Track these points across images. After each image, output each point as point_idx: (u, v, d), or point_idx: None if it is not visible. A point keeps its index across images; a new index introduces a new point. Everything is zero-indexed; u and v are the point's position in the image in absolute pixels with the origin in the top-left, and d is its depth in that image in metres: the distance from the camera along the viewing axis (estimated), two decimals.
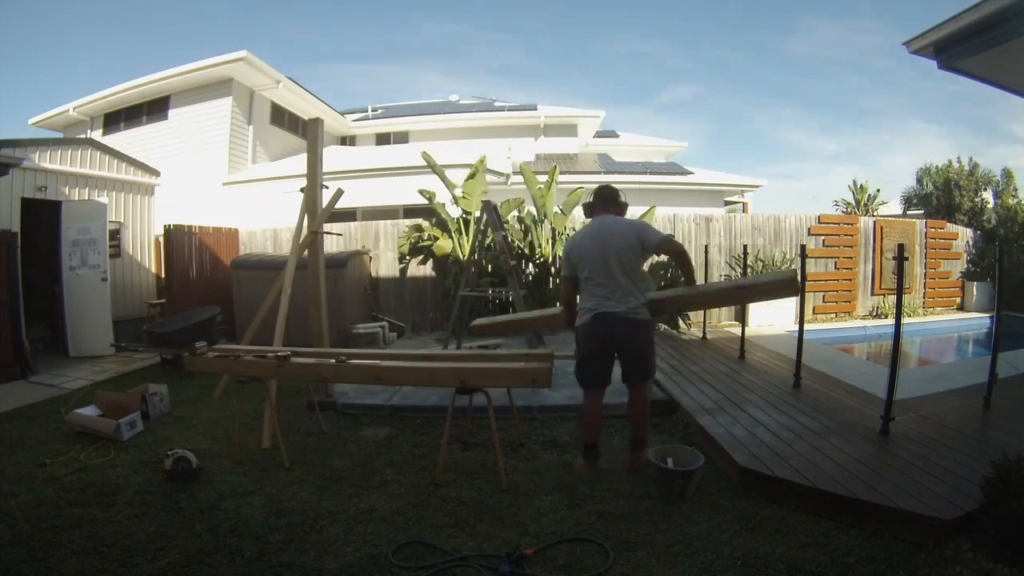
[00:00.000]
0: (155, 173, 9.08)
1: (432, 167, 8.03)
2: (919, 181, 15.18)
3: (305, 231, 4.62)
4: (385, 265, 8.74)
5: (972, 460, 2.87)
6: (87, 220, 7.14)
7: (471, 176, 7.90)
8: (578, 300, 3.22)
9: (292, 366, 3.37)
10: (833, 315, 8.94)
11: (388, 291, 8.71)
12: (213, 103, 11.91)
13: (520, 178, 8.95)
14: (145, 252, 8.71)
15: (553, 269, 8.04)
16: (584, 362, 3.17)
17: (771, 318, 8.11)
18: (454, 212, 8.29)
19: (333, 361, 3.34)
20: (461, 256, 8.10)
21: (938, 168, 14.70)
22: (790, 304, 8.17)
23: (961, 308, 9.44)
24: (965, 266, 9.73)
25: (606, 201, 3.30)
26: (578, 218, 8.64)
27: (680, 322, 7.56)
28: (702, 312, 7.72)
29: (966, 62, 4.06)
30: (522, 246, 8.16)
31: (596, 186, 3.49)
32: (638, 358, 3.09)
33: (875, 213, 14.34)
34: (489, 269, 8.03)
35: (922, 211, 14.16)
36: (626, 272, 3.04)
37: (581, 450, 3.28)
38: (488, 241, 6.86)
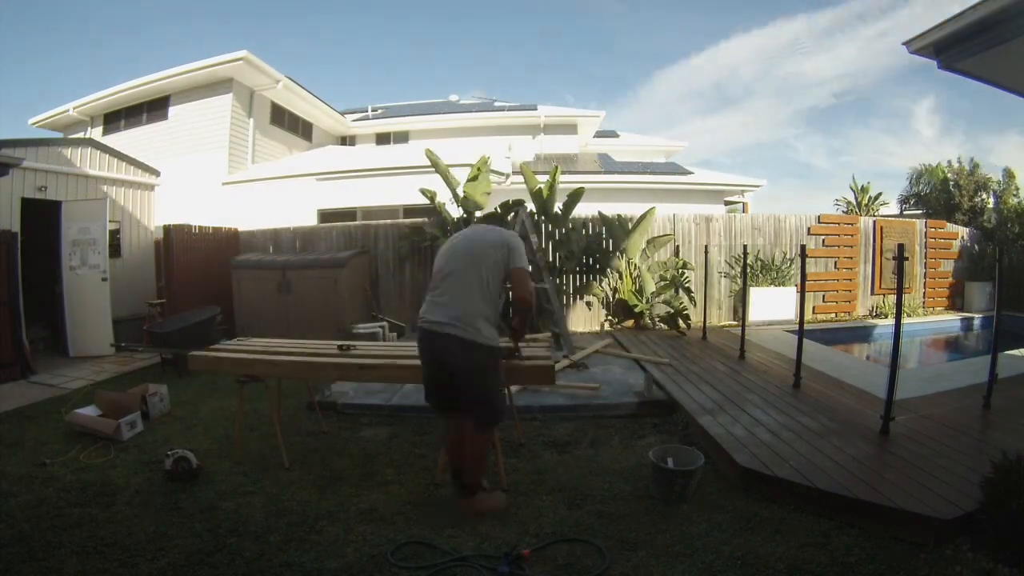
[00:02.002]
0: (155, 173, 9.08)
1: (435, 165, 8.03)
2: (911, 181, 15.16)
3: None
4: (385, 265, 8.74)
5: (972, 460, 2.87)
6: (87, 220, 7.14)
7: (473, 176, 7.90)
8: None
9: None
10: (833, 315, 8.94)
11: (388, 291, 8.70)
12: (213, 103, 11.90)
13: (520, 178, 8.95)
14: (145, 252, 8.71)
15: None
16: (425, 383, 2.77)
17: (771, 318, 8.11)
18: (455, 212, 8.28)
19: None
20: None
21: (933, 167, 14.67)
22: (790, 304, 8.18)
23: (961, 308, 9.43)
24: (955, 266, 9.72)
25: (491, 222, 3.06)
26: (579, 219, 8.66)
27: (680, 322, 7.55)
28: (702, 312, 7.73)
29: (966, 62, 4.07)
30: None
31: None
32: (469, 386, 2.61)
33: (876, 213, 14.33)
34: None
35: (921, 211, 14.16)
36: (482, 284, 2.63)
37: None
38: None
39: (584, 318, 8.49)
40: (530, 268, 2.72)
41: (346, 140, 16.50)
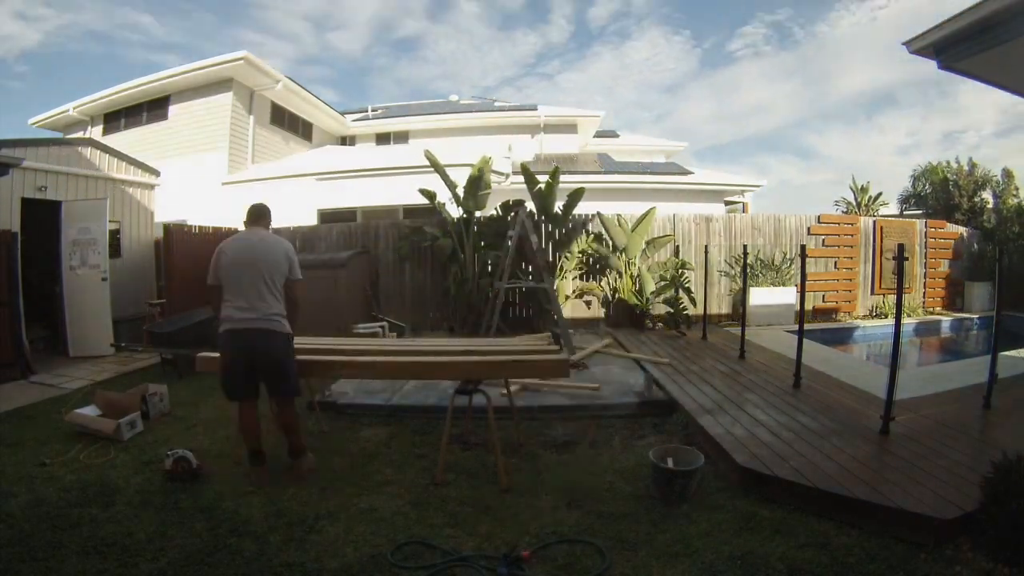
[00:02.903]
0: (155, 173, 9.08)
1: (434, 166, 8.03)
2: (912, 181, 15.17)
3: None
4: (385, 265, 8.74)
5: (972, 460, 2.88)
6: (87, 220, 7.14)
7: (473, 176, 7.90)
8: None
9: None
10: (833, 315, 8.94)
11: (388, 291, 8.70)
12: (213, 103, 11.91)
13: (520, 178, 8.95)
14: (145, 252, 8.71)
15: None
16: (226, 373, 3.16)
17: (771, 318, 8.12)
18: (455, 212, 8.29)
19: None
20: (462, 256, 8.10)
21: (933, 167, 14.68)
22: (790, 304, 8.18)
23: (961, 309, 9.43)
24: (955, 266, 9.72)
25: (258, 217, 3.56)
26: (579, 219, 8.66)
27: (680, 322, 7.55)
28: (702, 312, 7.73)
29: (966, 62, 4.07)
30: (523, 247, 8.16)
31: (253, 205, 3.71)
32: (276, 370, 3.14)
33: (876, 213, 14.32)
34: (489, 268, 8.05)
35: (920, 211, 14.15)
36: (272, 286, 3.14)
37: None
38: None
39: (584, 318, 8.49)
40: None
41: (346, 140, 16.50)
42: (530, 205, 8.24)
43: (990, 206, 13.45)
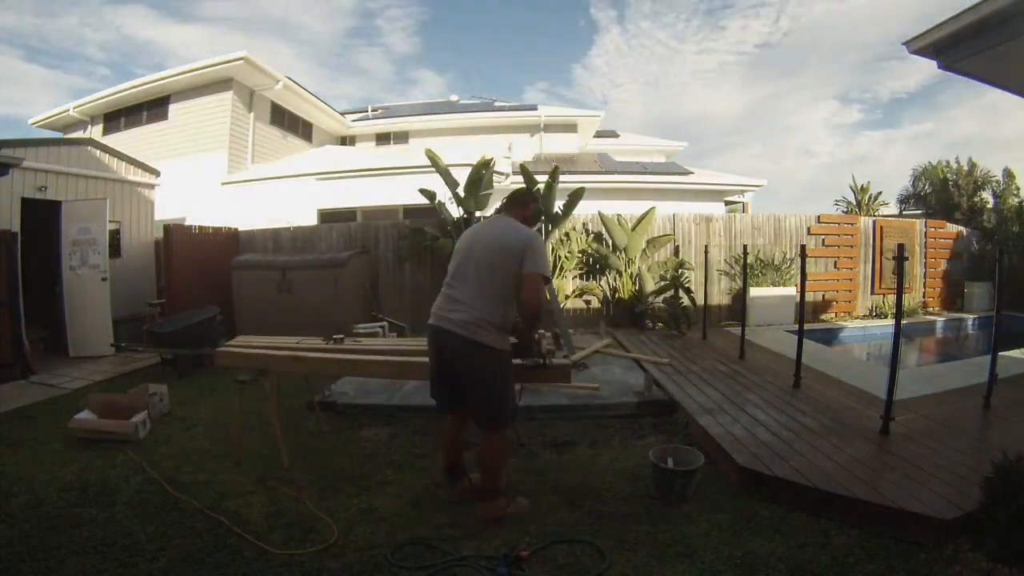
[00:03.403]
0: (155, 173, 9.08)
1: (435, 165, 8.03)
2: (913, 181, 15.17)
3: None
4: (385, 265, 8.74)
5: (972, 460, 2.88)
6: (87, 220, 7.14)
7: (474, 176, 7.90)
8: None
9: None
10: (833, 315, 8.94)
11: (388, 291, 8.70)
12: (213, 103, 11.90)
13: (520, 177, 8.94)
14: (145, 252, 8.71)
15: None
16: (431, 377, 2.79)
17: (771, 318, 8.12)
18: (455, 212, 8.28)
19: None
20: None
21: (933, 167, 14.68)
22: (790, 304, 8.18)
23: (961, 309, 9.43)
24: (955, 266, 9.73)
25: (511, 204, 2.87)
26: (579, 219, 8.67)
27: (680, 322, 7.55)
28: (702, 312, 7.73)
29: (966, 62, 4.07)
30: None
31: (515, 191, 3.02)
32: (476, 389, 2.60)
33: (876, 213, 14.32)
34: None
35: (920, 211, 14.15)
36: (485, 281, 2.58)
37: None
38: None
39: (584, 318, 8.49)
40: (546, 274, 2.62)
41: (346, 140, 16.50)
42: None
43: (990, 206, 13.45)
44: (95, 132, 12.81)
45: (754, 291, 8.03)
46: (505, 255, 2.58)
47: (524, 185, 8.34)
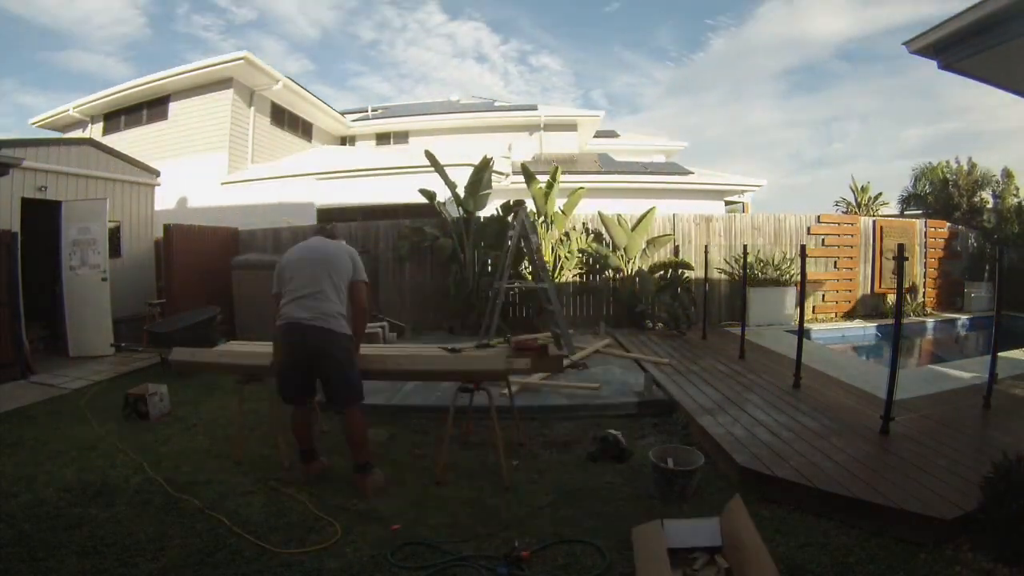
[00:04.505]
0: (155, 173, 9.07)
1: (434, 165, 8.03)
2: (913, 181, 15.16)
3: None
4: (385, 265, 8.74)
5: (972, 460, 2.88)
6: (87, 220, 7.14)
7: (474, 176, 7.90)
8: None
9: None
10: (833, 315, 8.94)
11: (388, 291, 8.70)
12: (213, 103, 11.91)
13: (520, 177, 8.95)
14: (145, 252, 8.71)
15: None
16: (281, 373, 3.17)
17: (771, 318, 8.12)
18: (455, 212, 8.29)
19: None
20: (462, 256, 8.10)
21: (933, 167, 14.67)
22: (790, 304, 8.18)
23: (961, 309, 9.43)
24: (955, 266, 9.73)
25: (320, 231, 3.52)
26: (579, 218, 8.67)
27: (680, 322, 7.55)
28: (702, 312, 7.73)
29: (966, 62, 4.06)
30: (522, 247, 8.16)
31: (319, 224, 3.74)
32: (333, 374, 3.06)
33: (876, 213, 14.32)
34: (489, 267, 8.05)
35: (920, 211, 14.15)
36: (335, 287, 3.12)
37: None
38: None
39: (584, 318, 8.50)
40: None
41: (346, 140, 16.50)
42: (530, 205, 8.24)
43: (990, 206, 13.45)
44: (95, 132, 12.81)
45: (754, 291, 8.03)
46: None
47: (525, 185, 8.35)
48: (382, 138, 16.31)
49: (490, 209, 8.43)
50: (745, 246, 7.03)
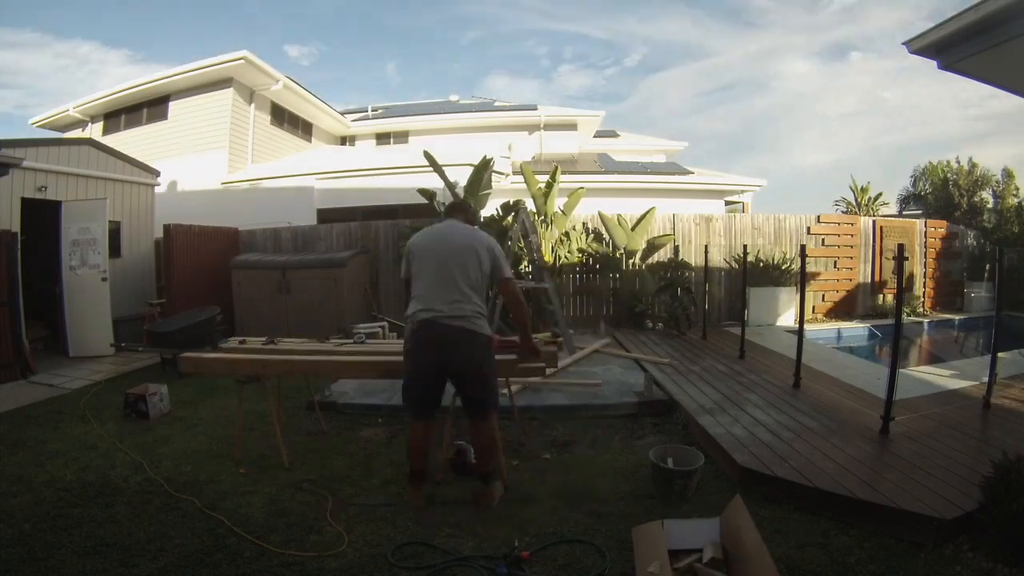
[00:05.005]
0: (155, 173, 9.07)
1: (434, 166, 8.02)
2: (913, 181, 15.18)
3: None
4: (385, 265, 8.74)
5: (972, 460, 2.88)
6: (87, 220, 7.14)
7: (474, 176, 7.89)
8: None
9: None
10: (832, 315, 8.94)
11: (388, 291, 8.70)
12: (213, 103, 11.90)
13: (520, 177, 8.94)
14: (145, 252, 8.70)
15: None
16: (409, 379, 2.83)
17: (771, 318, 8.12)
18: None
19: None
20: None
21: (933, 167, 14.69)
22: (790, 304, 8.18)
23: (961, 309, 9.43)
24: (955, 266, 9.73)
25: (453, 210, 3.11)
26: (579, 218, 8.66)
27: (680, 322, 7.55)
28: (702, 312, 7.73)
29: (967, 62, 4.06)
30: (522, 247, 8.15)
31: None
32: (473, 379, 2.76)
33: (876, 213, 14.32)
34: None
35: (920, 211, 14.15)
36: (468, 281, 2.73)
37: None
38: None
39: (584, 318, 8.49)
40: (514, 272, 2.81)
41: (346, 140, 16.49)
42: (530, 205, 8.24)
43: (990, 206, 13.46)
44: (95, 131, 12.80)
45: (754, 291, 8.03)
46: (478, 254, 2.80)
47: (525, 185, 8.35)
48: (382, 138, 16.31)
49: (490, 209, 8.41)
50: (745, 246, 7.03)
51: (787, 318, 8.13)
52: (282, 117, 13.66)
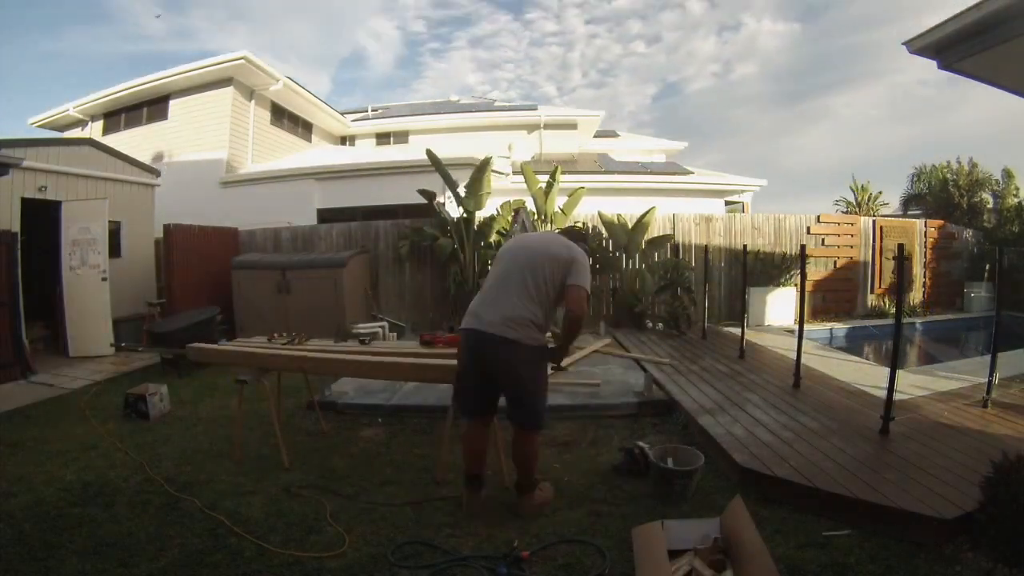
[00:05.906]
0: (155, 172, 9.08)
1: (435, 164, 8.03)
2: (912, 182, 15.18)
3: None
4: (385, 265, 8.74)
5: (972, 460, 2.87)
6: (87, 220, 7.14)
7: (474, 176, 7.90)
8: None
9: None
10: (832, 314, 8.94)
11: (388, 291, 8.71)
12: (213, 102, 11.91)
13: (520, 177, 8.95)
14: (145, 252, 8.71)
15: None
16: (457, 382, 2.88)
17: (771, 318, 8.12)
18: (455, 212, 8.28)
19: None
20: (462, 256, 8.10)
21: (933, 167, 14.69)
22: (790, 304, 8.18)
23: (961, 309, 9.43)
24: (955, 266, 9.73)
25: (566, 231, 3.12)
26: (579, 218, 8.66)
27: (680, 322, 7.55)
28: (702, 312, 7.73)
29: (967, 62, 4.07)
30: None
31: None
32: (512, 388, 2.68)
33: (876, 213, 14.32)
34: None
35: (920, 211, 14.16)
36: (534, 286, 2.64)
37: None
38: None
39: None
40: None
41: (346, 140, 16.50)
42: (530, 205, 8.24)
43: (989, 206, 13.46)
44: (95, 131, 12.81)
45: (754, 291, 8.03)
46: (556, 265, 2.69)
47: (525, 185, 8.36)
48: (382, 138, 16.31)
49: (490, 209, 8.42)
50: (745, 246, 7.02)
51: (787, 318, 8.13)
52: (282, 117, 13.67)
